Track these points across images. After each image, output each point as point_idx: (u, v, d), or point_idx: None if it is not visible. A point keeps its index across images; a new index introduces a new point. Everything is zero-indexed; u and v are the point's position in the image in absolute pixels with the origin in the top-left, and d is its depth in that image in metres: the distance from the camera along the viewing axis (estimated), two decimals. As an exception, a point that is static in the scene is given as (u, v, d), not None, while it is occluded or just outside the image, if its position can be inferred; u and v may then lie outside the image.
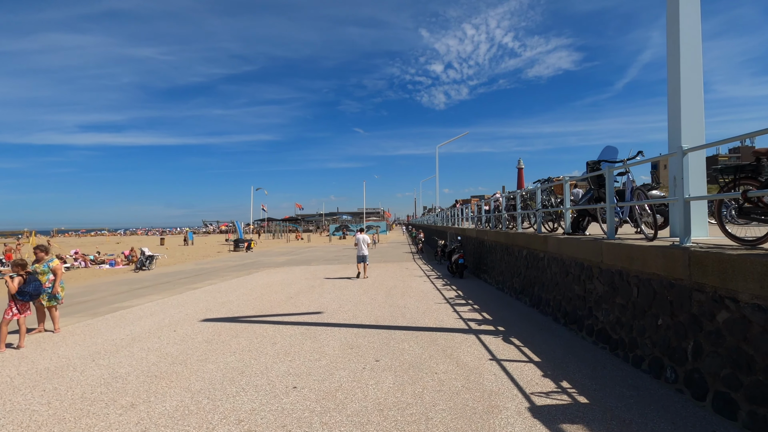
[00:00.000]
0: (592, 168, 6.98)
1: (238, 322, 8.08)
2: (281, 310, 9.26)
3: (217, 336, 7.02)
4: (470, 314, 8.19)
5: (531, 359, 5.32)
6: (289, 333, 7.07)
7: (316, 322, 7.91)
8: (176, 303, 10.61)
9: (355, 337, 6.67)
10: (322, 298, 10.58)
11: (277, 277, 15.67)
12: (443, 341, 6.30)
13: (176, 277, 17.92)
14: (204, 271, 20.01)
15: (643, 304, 4.91)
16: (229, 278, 16.04)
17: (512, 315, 8.04)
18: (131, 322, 8.37)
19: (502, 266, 11.30)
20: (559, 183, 8.38)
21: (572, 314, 6.78)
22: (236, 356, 5.84)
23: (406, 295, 10.68)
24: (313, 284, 13.38)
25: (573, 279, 6.85)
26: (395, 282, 13.33)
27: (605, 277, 5.80)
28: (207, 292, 12.29)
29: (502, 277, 11.30)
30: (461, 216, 22.33)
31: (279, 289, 12.39)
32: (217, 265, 23.22)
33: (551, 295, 7.76)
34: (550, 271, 7.92)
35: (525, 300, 9.18)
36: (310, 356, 5.75)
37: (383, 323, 7.65)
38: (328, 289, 12.24)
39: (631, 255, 5.16)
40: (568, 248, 7.02)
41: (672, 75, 5.92)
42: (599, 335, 5.85)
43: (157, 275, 19.30)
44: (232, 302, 10.41)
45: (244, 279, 15.52)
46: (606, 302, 5.77)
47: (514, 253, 10.25)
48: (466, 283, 12.71)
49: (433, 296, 10.45)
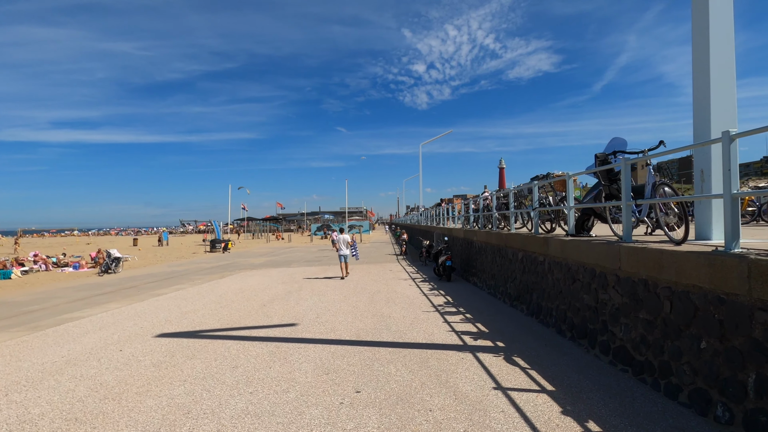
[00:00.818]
0: (603, 161, 6.14)
1: (199, 338, 6.98)
2: (251, 321, 8.17)
3: (170, 357, 5.92)
4: (463, 325, 7.28)
5: (543, 388, 4.41)
6: (255, 352, 6.02)
7: (288, 337, 6.87)
8: (133, 313, 9.41)
9: (333, 358, 5.66)
10: (299, 306, 9.53)
11: (251, 281, 14.51)
12: (436, 362, 5.35)
13: (143, 282, 16.57)
14: (174, 275, 18.66)
15: (679, 322, 4.06)
16: (199, 282, 14.81)
17: (510, 326, 7.16)
18: (73, 339, 7.18)
19: (494, 269, 10.45)
20: (560, 179, 7.55)
21: (581, 327, 5.92)
22: (186, 387, 4.76)
23: (391, 302, 9.72)
24: (290, 289, 12.29)
25: (581, 287, 5.99)
26: (379, 286, 12.36)
27: (625, 286, 4.95)
28: (171, 300, 11.08)
29: (494, 281, 10.45)
30: (446, 215, 21.50)
31: (252, 296, 11.28)
32: (189, 268, 21.84)
33: (553, 304, 6.91)
34: (551, 277, 7.07)
35: (521, 308, 8.32)
36: (277, 386, 4.72)
37: (365, 338, 6.67)
38: (306, 294, 11.19)
39: (661, 262, 4.30)
40: (575, 252, 6.16)
41: (698, 49, 5.10)
42: (618, 355, 4.99)
43: (122, 279, 17.88)
44: (197, 312, 9.27)
45: (215, 283, 14.31)
46: (626, 316, 4.92)
47: (508, 256, 9.40)
48: (455, 287, 11.83)
49: (420, 303, 9.52)
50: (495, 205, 11.31)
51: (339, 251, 14.51)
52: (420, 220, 32.84)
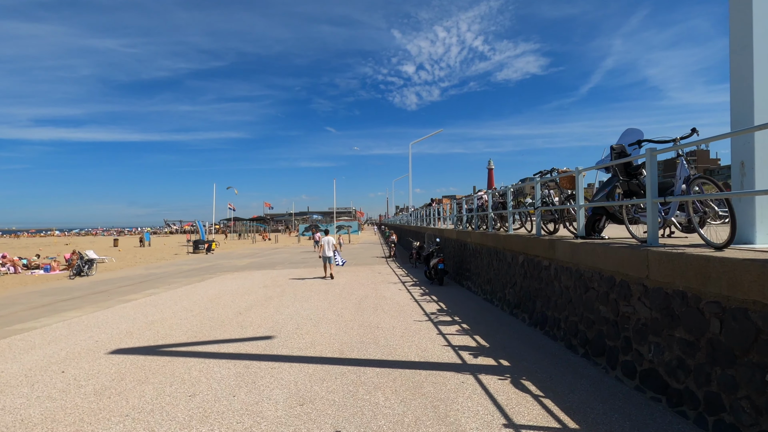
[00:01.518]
0: (620, 153, 5.38)
1: (158, 355, 6.05)
2: (222, 333, 7.25)
3: (118, 381, 4.99)
4: (460, 338, 6.46)
5: (564, 426, 3.60)
6: (220, 374, 5.12)
7: (262, 353, 5.97)
8: (93, 323, 8.41)
9: (311, 382, 4.79)
10: (278, 315, 8.63)
11: (231, 285, 13.54)
12: (432, 387, 4.52)
13: (116, 285, 15.47)
14: (151, 278, 17.57)
15: (733, 346, 3.29)
16: (175, 287, 13.78)
17: (513, 339, 6.36)
18: (13, 357, 6.19)
19: (490, 273, 9.67)
20: (567, 174, 6.78)
21: (597, 343, 5.15)
22: (126, 425, 3.85)
23: (380, 309, 8.87)
24: (271, 294, 11.37)
25: (597, 297, 5.22)
26: (366, 290, 11.50)
27: (655, 298, 4.18)
28: (139, 307, 10.08)
29: (490, 286, 9.67)
30: (437, 215, 20.73)
31: (229, 302, 10.33)
32: (169, 270, 20.73)
33: (561, 315, 6.14)
34: (558, 284, 6.29)
35: (523, 317, 7.54)
36: (239, 423, 3.83)
37: (350, 354, 5.80)
38: (288, 300, 10.28)
39: (706, 271, 3.53)
40: (589, 256, 5.39)
41: (737, 21, 4.35)
42: (647, 380, 4.21)
43: (94, 283, 16.74)
44: (164, 321, 8.31)
45: (192, 288, 13.30)
46: (656, 334, 4.15)
47: (507, 259, 8.62)
48: (448, 292, 11.02)
49: (411, 310, 8.68)
50: (491, 205, 10.54)
51: (324, 253, 14.39)
52: (410, 220, 32.03)
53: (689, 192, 4.18)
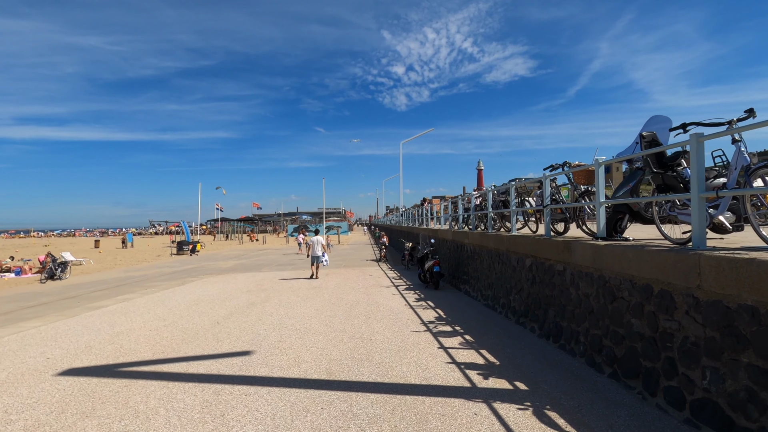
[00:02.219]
0: (651, 141, 4.63)
1: (115, 377, 5.14)
2: (195, 347, 6.35)
3: (58, 415, 4.08)
4: (465, 353, 5.66)
5: (614, 480, 2.82)
6: (182, 404, 4.24)
7: (236, 375, 5.10)
8: (52, 335, 7.43)
9: (291, 415, 3.94)
10: (260, 324, 7.75)
11: (212, 290, 12.58)
12: (439, 422, 3.70)
13: (89, 290, 14.39)
14: (129, 281, 16.49)
15: (835, 380, 2.54)
16: (152, 291, 12.78)
17: (525, 354, 5.58)
18: (-60, 380, 5.22)
19: (492, 277, 8.90)
20: (583, 168, 6.03)
21: (629, 363, 4.39)
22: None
23: (372, 317, 8.04)
24: (255, 300, 10.46)
25: (628, 308, 4.46)
26: (358, 295, 10.66)
27: (710, 313, 3.42)
28: (108, 315, 9.10)
29: (491, 291, 8.90)
30: (429, 215, 19.96)
31: (207, 309, 9.41)
32: (148, 273, 19.63)
33: (581, 327, 5.38)
34: (576, 291, 5.54)
35: (531, 326, 6.78)
36: (196, 478, 2.98)
37: (339, 375, 4.96)
38: (272, 307, 9.39)
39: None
40: (617, 261, 4.63)
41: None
42: (702, 412, 3.45)
43: (66, 287, 15.62)
44: (131, 333, 7.37)
45: (170, 293, 12.31)
46: (714, 357, 3.39)
47: (511, 262, 7.86)
48: (445, 298, 10.24)
49: (407, 318, 7.87)
50: (491, 203, 9.79)
51: (313, 253, 14.36)
52: (401, 221, 31.24)
53: (750, 184, 3.44)
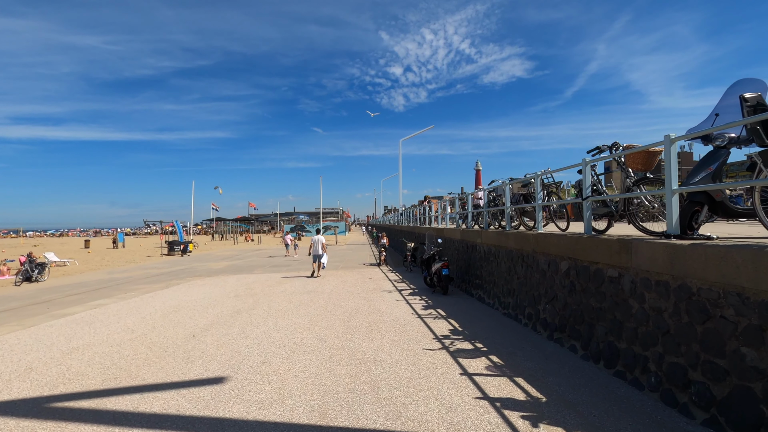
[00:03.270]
0: (756, 106, 3.41)
1: (39, 417, 3.86)
2: (157, 371, 5.07)
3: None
4: (497, 383, 4.41)
5: None
6: (115, 469, 2.98)
7: (199, 416, 3.83)
8: (-11, 353, 6.14)
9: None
10: (243, 339, 6.48)
11: (197, 294, 11.29)
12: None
13: (64, 293, 13.06)
14: (110, 284, 15.17)
15: None
16: (132, 295, 11.48)
17: (576, 386, 4.33)
18: None
19: (513, 283, 7.66)
20: (640, 149, 4.78)
21: (740, 411, 3.15)
22: None
23: (375, 329, 6.80)
24: (241, 307, 9.18)
25: (735, 332, 3.22)
26: (357, 301, 9.40)
27: None
28: (71, 325, 7.81)
29: (512, 298, 7.66)
30: (433, 213, 18.72)
31: (186, 318, 8.13)
32: (134, 274, 18.30)
33: (649, 351, 4.13)
34: (639, 305, 4.30)
35: (571, 345, 5.53)
36: None
37: (336, 418, 3.69)
38: (260, 316, 8.12)
39: None
40: (711, 266, 3.39)
41: None
42: None
43: (41, 290, 14.27)
44: (89, 349, 6.09)
45: (150, 297, 11.01)
46: None
47: (539, 266, 6.62)
48: (456, 305, 8.99)
49: (416, 331, 6.62)
50: (509, 198, 8.56)
51: (314, 252, 14.36)
52: (401, 220, 29.99)
53: None
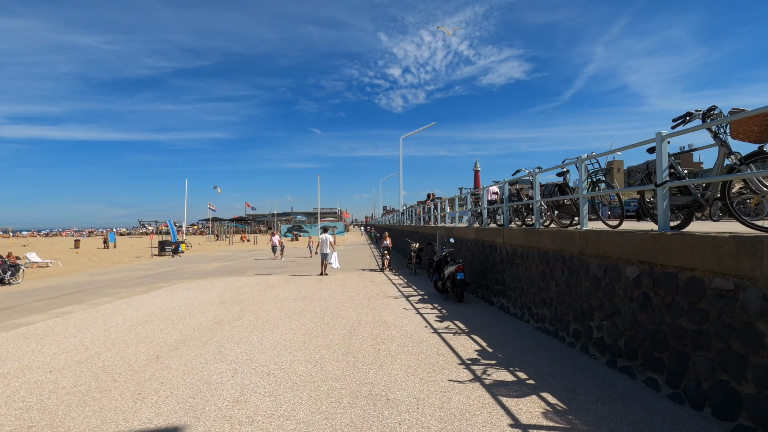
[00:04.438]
0: None
1: None
2: (90, 415, 3.65)
3: None
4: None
5: None
6: None
7: None
8: None
9: None
10: (217, 363, 5.07)
11: (177, 300, 9.88)
12: None
13: (33, 299, 11.62)
14: (88, 287, 13.73)
15: None
16: (106, 301, 10.06)
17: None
18: None
19: (550, 291, 6.28)
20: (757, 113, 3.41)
21: None
22: None
23: (383, 351, 5.40)
24: (224, 317, 7.77)
25: None
26: (359, 310, 8.01)
27: None
28: (16, 340, 6.38)
29: (547, 310, 6.27)
30: (436, 212, 17.34)
31: (156, 331, 6.71)
32: (117, 276, 16.86)
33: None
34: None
35: (649, 378, 4.13)
36: None
37: None
38: (244, 329, 6.71)
39: None
40: None
41: None
42: None
43: (9, 295, 12.82)
44: (15, 377, 4.66)
45: (123, 304, 9.58)
46: None
47: (590, 271, 5.23)
48: (477, 316, 7.60)
49: (434, 352, 5.23)
50: (539, 191, 7.18)
51: (322, 250, 14.73)
52: (403, 219, 28.57)
53: None
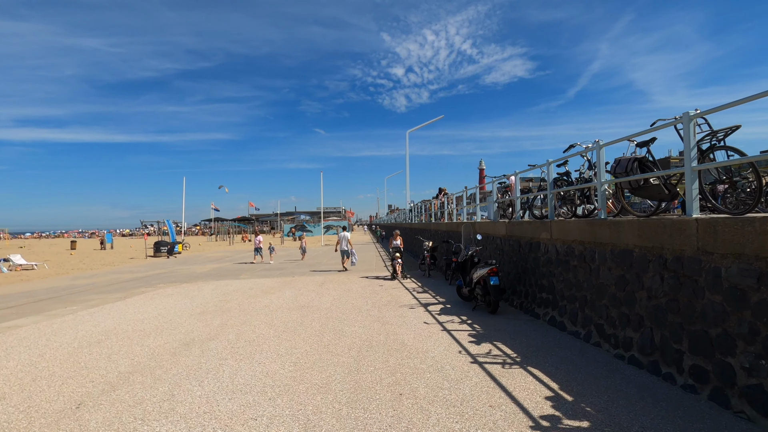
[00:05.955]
0: None
1: None
2: None
3: None
4: None
5: None
6: None
7: None
8: None
9: None
10: (162, 418, 3.34)
11: (152, 310, 8.18)
12: None
13: (-12, 308, 9.97)
14: (64, 293, 12.09)
15: None
16: (72, 311, 8.41)
17: None
18: None
19: (635, 305, 4.50)
20: None
21: None
22: None
23: (406, 395, 3.66)
24: (198, 334, 6.06)
25: None
26: (369, 326, 6.27)
27: None
28: None
29: (635, 332, 4.48)
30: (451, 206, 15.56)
31: (104, 356, 5.00)
32: (101, 280, 15.22)
33: None
34: None
35: None
36: None
37: None
38: (217, 355, 4.98)
39: None
40: None
41: None
42: None
43: (-32, 302, 11.19)
44: None
45: (87, 315, 7.89)
46: None
47: (722, 282, 3.47)
48: (521, 333, 5.82)
49: (485, 402, 3.48)
50: (602, 174, 5.41)
51: (342, 248, 14.76)
52: (410, 217, 26.80)
53: None
